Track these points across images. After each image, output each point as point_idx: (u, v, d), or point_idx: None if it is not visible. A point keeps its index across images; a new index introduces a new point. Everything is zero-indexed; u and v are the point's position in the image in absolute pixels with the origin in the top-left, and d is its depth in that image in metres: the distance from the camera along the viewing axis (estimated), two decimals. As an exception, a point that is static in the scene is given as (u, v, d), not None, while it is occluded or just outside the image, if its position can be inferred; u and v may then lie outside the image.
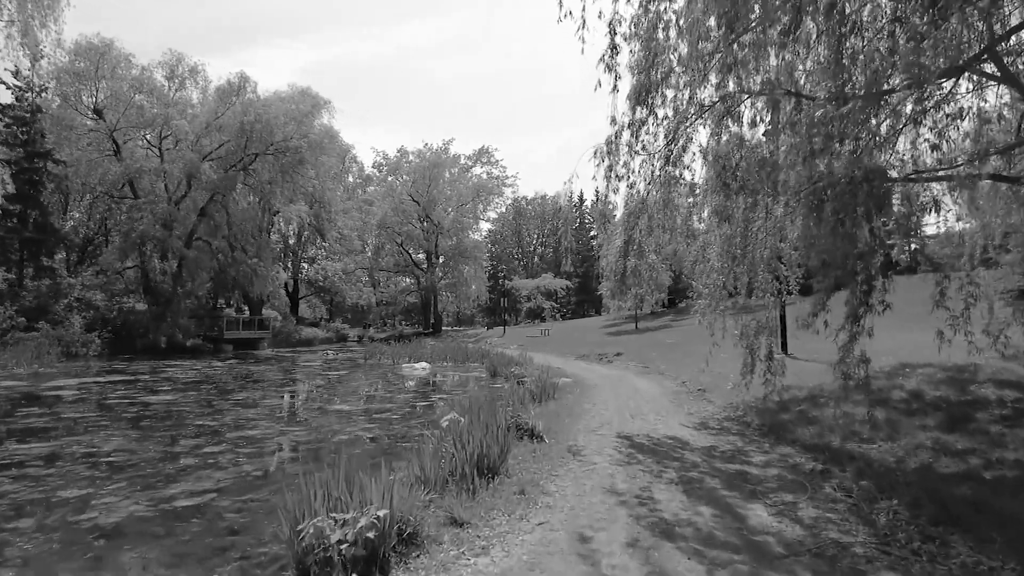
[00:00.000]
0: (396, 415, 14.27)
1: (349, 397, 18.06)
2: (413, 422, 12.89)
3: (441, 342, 47.37)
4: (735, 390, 13.28)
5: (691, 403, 14.38)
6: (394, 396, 17.84)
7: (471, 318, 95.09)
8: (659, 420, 11.96)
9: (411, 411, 14.60)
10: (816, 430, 9.63)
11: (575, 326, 56.99)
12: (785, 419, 10.75)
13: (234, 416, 13.94)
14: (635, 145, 10.84)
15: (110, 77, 42.77)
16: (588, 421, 11.60)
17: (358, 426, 12.69)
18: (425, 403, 16.36)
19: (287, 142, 45.71)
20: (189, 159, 43.33)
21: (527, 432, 9.44)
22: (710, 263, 11.08)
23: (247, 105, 45.28)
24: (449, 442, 7.37)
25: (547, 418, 11.25)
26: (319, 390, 20.13)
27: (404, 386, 20.64)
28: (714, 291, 11.00)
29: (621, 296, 11.36)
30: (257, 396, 17.83)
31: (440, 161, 70.27)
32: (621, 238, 11.21)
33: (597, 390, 16.66)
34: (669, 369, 21.31)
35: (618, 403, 14.20)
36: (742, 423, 11.50)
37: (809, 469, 7.85)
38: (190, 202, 45.44)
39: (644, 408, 13.48)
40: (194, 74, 47.39)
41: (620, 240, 11.18)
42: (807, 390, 12.51)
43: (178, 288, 44.45)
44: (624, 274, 10.90)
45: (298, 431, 12.35)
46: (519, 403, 12.56)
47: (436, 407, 14.46)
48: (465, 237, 69.98)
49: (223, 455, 9.94)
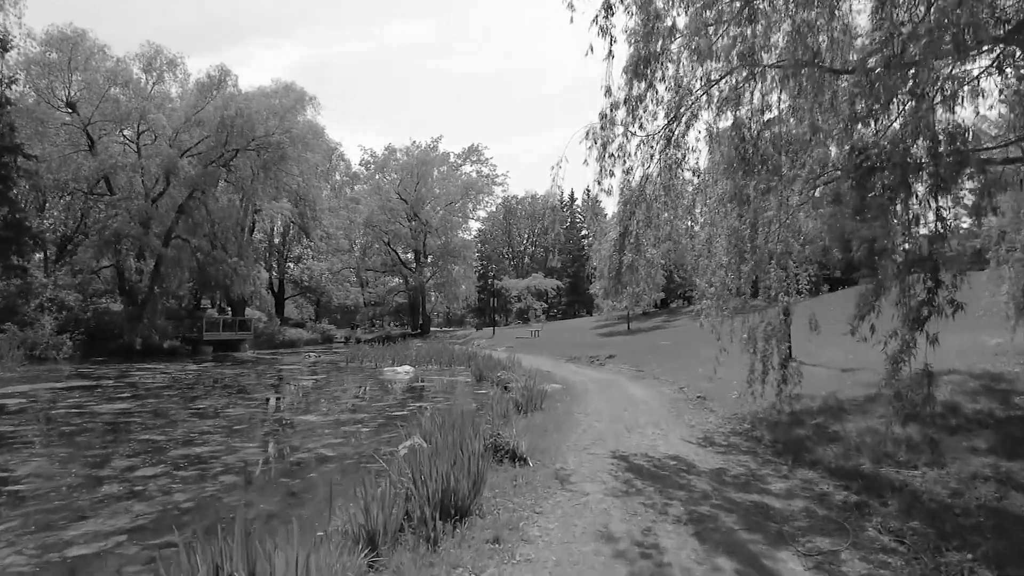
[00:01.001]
0: (368, 427, 12.96)
1: (321, 405, 16.72)
2: (385, 436, 11.57)
3: (428, 344, 46.08)
4: (741, 399, 12.05)
5: (691, 413, 13.13)
6: (370, 404, 16.51)
7: (461, 319, 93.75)
8: (658, 434, 10.69)
9: (385, 423, 13.27)
10: (840, 450, 8.38)
11: (566, 327, 55.81)
12: (801, 435, 9.50)
13: (187, 429, 12.58)
14: (632, 125, 9.57)
15: (84, 69, 41.18)
16: (579, 436, 10.31)
17: (321, 442, 11.35)
18: (403, 412, 15.05)
19: (269, 137, 44.16)
20: (166, 154, 41.75)
21: (508, 453, 8.15)
22: (716, 258, 9.81)
23: (228, 99, 43.78)
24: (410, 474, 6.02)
25: (533, 433, 9.97)
26: (291, 397, 18.77)
27: (382, 392, 19.32)
28: (720, 290, 9.74)
29: (616, 295, 10.06)
30: (221, 404, 16.46)
31: (428, 159, 68.89)
32: (616, 231, 9.93)
33: (589, 398, 15.39)
34: (665, 374, 20.08)
35: (612, 413, 12.94)
36: (751, 438, 10.25)
37: (841, 501, 6.59)
38: (168, 199, 43.79)
39: (641, 419, 12.21)
40: (173, 67, 45.78)
41: (615, 233, 9.90)
42: (820, 400, 11.28)
43: (154, 288, 42.87)
44: (619, 271, 9.60)
45: (253, 448, 11.00)
46: (502, 415, 11.27)
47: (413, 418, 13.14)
48: (454, 236, 68.56)
49: (155, 480, 8.59)
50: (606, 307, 18.42)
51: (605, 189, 9.61)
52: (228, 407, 15.96)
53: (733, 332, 10.33)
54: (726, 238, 9.82)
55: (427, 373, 26.51)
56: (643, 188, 9.82)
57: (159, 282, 43.60)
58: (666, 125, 9.69)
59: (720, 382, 16.51)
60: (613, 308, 44.12)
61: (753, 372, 10.85)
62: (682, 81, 9.15)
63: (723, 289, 9.73)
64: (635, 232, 9.71)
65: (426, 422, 9.30)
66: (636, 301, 11.40)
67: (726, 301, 9.99)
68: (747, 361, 10.68)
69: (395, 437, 10.46)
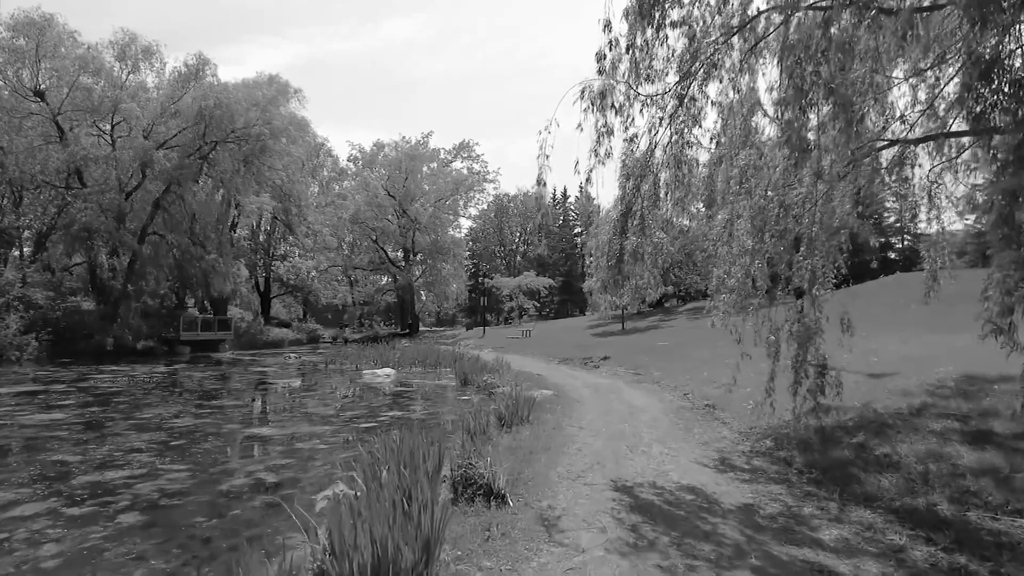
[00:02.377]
0: (326, 443, 11.18)
1: (282, 415, 14.93)
2: (343, 455, 9.80)
3: (415, 344, 44.31)
4: (758, 410, 10.35)
5: (701, 425, 11.40)
6: (339, 415, 14.72)
7: (453, 318, 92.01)
8: (666, 455, 8.95)
9: (346, 442, 11.49)
10: (899, 481, 6.66)
11: (558, 326, 54.10)
12: (842, 458, 7.79)
13: (114, 446, 10.76)
14: (637, 80, 7.85)
15: (52, 56, 39.17)
16: (572, 459, 8.54)
17: (264, 464, 9.56)
18: (371, 423, 13.29)
19: (249, 129, 42.21)
20: (141, 146, 39.72)
21: (483, 489, 6.39)
22: (738, 241, 8.07)
23: (207, 90, 41.85)
24: (328, 542, 4.25)
25: (516, 456, 8.23)
26: (253, 404, 16.97)
27: (357, 398, 17.54)
28: (743, 281, 8.01)
29: (616, 288, 8.28)
30: (171, 413, 14.65)
31: (417, 154, 66.99)
32: (617, 210, 8.17)
33: (583, 406, 13.65)
34: (665, 377, 18.37)
35: (610, 426, 11.20)
36: (778, 460, 8.53)
37: (929, 564, 4.87)
38: (144, 194, 41.87)
39: (644, 433, 10.48)
40: (149, 56, 43.75)
41: (616, 213, 8.14)
42: (854, 412, 9.57)
43: (128, 286, 40.90)
44: (620, 258, 7.84)
45: (179, 470, 9.17)
46: (481, 431, 9.50)
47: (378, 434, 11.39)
48: (443, 233, 66.67)
49: (31, 523, 6.77)
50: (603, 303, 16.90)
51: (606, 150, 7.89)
52: (177, 417, 14.15)
53: (758, 332, 8.62)
54: (749, 219, 8.10)
55: (410, 376, 24.75)
56: (649, 158, 8.09)
57: (134, 280, 41.67)
58: (678, 82, 7.98)
59: (726, 387, 14.83)
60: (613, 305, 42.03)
61: (773, 380, 9.19)
62: (698, 24, 7.43)
63: (746, 280, 8.00)
64: (640, 211, 7.96)
65: (376, 448, 7.48)
66: (639, 296, 9.60)
67: (749, 295, 8.27)
68: (765, 367, 9.01)
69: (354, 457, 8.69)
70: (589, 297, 56.15)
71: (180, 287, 49.00)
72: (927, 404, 9.28)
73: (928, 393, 9.99)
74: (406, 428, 11.22)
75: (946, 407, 8.88)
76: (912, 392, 10.30)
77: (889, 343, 16.76)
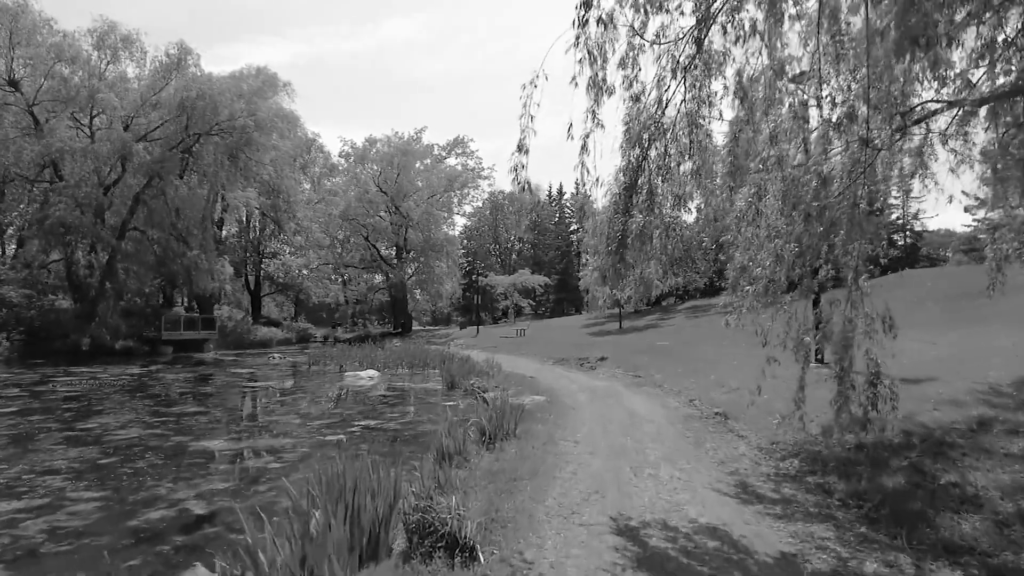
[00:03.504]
0: (279, 462, 9.64)
1: (242, 425, 13.41)
2: (296, 475, 8.27)
3: (406, 344, 42.75)
4: (785, 424, 8.88)
5: (713, 438, 9.89)
6: (304, 424, 13.18)
7: (448, 317, 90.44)
8: (678, 479, 7.45)
9: (308, 453, 9.98)
10: (986, 525, 5.17)
11: (553, 325, 52.69)
12: (898, 488, 6.30)
13: (29, 465, 9.20)
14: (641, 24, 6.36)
15: (27, 44, 37.54)
16: (565, 488, 7.02)
17: (197, 489, 8.00)
18: (341, 434, 11.77)
19: (233, 121, 40.56)
20: (119, 138, 38.02)
21: (445, 540, 4.86)
22: (766, 221, 6.55)
23: (189, 80, 40.19)
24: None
25: (496, 484, 6.72)
26: (216, 410, 15.41)
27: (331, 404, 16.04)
28: (772, 271, 6.50)
29: (617, 280, 6.68)
30: (120, 422, 13.11)
31: (410, 149, 65.22)
32: (619, 183, 6.63)
33: (579, 415, 12.14)
34: (668, 380, 16.84)
35: (610, 440, 9.69)
36: (814, 487, 7.03)
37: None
38: (125, 188, 40.22)
39: (649, 450, 8.97)
40: (128, 45, 42.07)
41: (618, 185, 6.59)
42: (895, 424, 8.09)
43: (106, 283, 39.24)
44: (623, 241, 6.30)
45: (90, 500, 7.59)
46: (456, 452, 7.98)
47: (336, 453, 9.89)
48: (437, 230, 64.94)
49: None
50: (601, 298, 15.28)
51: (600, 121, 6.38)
52: (124, 427, 12.60)
53: (788, 331, 7.11)
54: (780, 195, 6.59)
55: (396, 378, 23.24)
56: (659, 119, 6.57)
57: (113, 277, 40.03)
58: (695, 26, 6.48)
59: (734, 391, 13.33)
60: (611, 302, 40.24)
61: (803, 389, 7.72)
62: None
63: (776, 269, 6.49)
64: (647, 184, 6.44)
65: (312, 483, 5.93)
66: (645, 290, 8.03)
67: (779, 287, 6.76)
68: (784, 372, 7.55)
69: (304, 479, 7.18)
70: (585, 295, 54.69)
71: (167, 285, 47.35)
72: (989, 417, 7.79)
73: (984, 403, 8.52)
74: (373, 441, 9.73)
75: (1016, 421, 7.40)
76: (963, 401, 8.83)
77: (911, 343, 15.27)
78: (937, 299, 24.40)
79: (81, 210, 36.73)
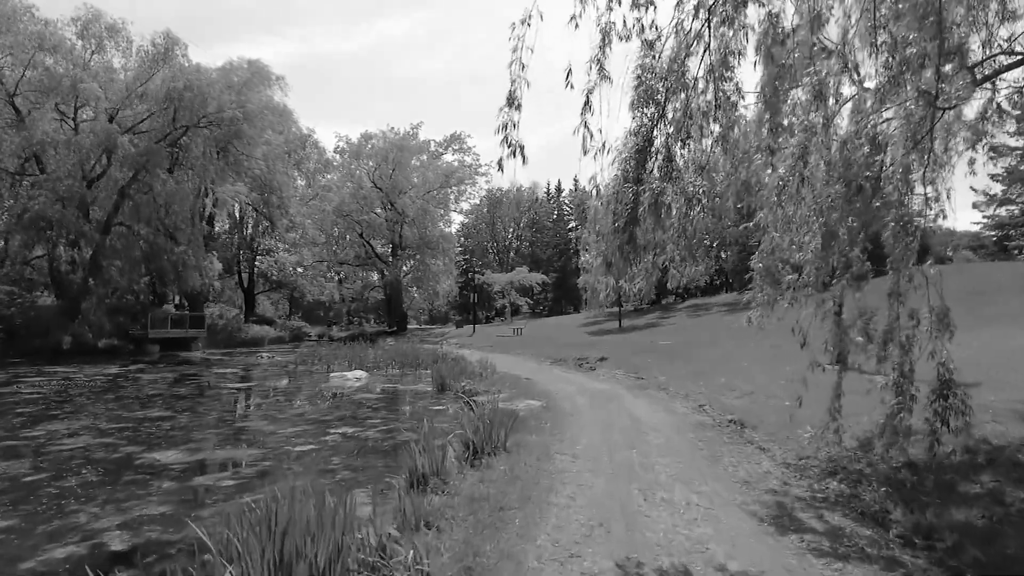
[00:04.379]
0: (234, 479, 8.43)
1: (206, 431, 12.17)
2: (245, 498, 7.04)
3: (399, 343, 41.45)
4: (818, 438, 7.66)
5: (731, 451, 8.67)
6: (275, 432, 11.94)
7: (446, 316, 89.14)
8: (697, 505, 6.22)
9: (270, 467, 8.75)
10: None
11: (552, 324, 51.51)
12: (980, 526, 5.08)
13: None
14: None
15: (7, 31, 36.01)
16: (561, 520, 5.77)
17: (128, 515, 6.76)
18: (311, 444, 10.56)
19: (221, 113, 39.29)
20: (104, 130, 36.72)
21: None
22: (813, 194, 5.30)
23: (177, 71, 38.86)
24: None
25: (478, 517, 5.50)
26: (183, 415, 14.10)
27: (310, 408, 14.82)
28: (821, 256, 5.26)
29: (625, 266, 5.38)
30: (72, 429, 11.89)
31: (405, 145, 63.73)
32: (629, 146, 5.38)
33: (578, 423, 10.91)
34: (673, 382, 15.62)
35: (613, 454, 8.47)
36: (864, 516, 5.83)
37: None
38: (110, 182, 38.87)
39: (659, 467, 7.75)
40: (114, 34, 40.61)
41: (628, 148, 5.34)
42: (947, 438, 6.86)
43: (90, 280, 37.92)
44: (634, 215, 5.03)
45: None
46: (433, 472, 6.75)
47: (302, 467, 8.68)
48: (432, 227, 63.57)
49: None
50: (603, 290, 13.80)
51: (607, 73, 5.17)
52: (73, 435, 11.35)
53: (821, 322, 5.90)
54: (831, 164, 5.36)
55: (385, 379, 22.01)
56: (679, 70, 5.35)
57: (97, 273, 38.66)
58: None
59: (748, 395, 12.12)
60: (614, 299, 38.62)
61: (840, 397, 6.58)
62: None
63: (826, 252, 5.26)
64: (665, 144, 5.20)
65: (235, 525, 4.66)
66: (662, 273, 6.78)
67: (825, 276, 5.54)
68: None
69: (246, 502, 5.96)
70: (584, 293, 53.38)
71: (158, 282, 45.99)
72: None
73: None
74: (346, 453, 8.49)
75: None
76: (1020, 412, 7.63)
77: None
78: (959, 297, 23.19)
79: (63, 204, 35.42)
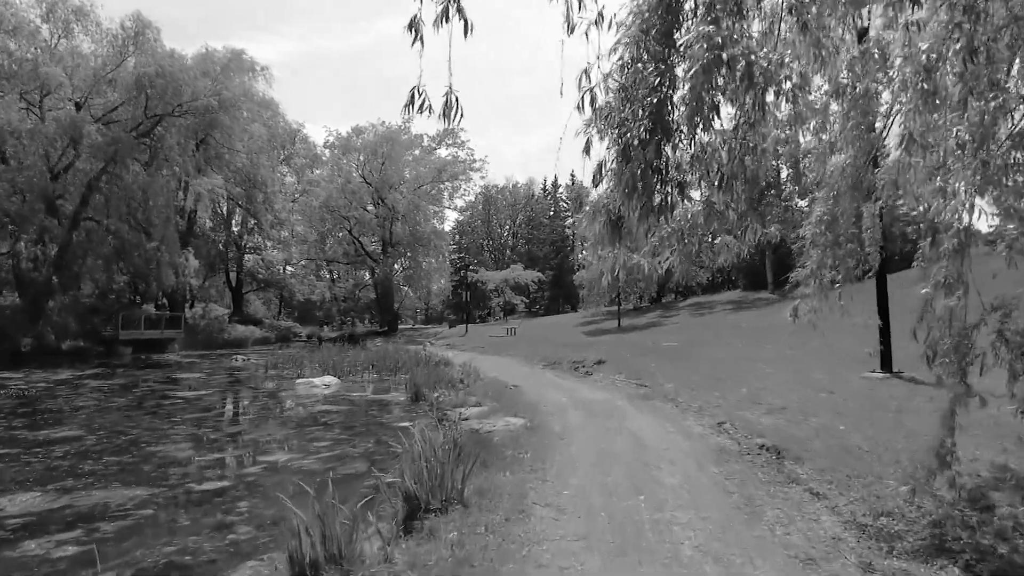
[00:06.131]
0: (70, 553, 6.08)
1: (101, 460, 9.83)
2: (110, 563, 4.74)
3: (387, 344, 39.19)
4: (922, 490, 5.35)
5: (776, 500, 6.31)
6: (188, 461, 9.61)
7: (440, 315, 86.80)
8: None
9: (120, 536, 6.42)
10: None
11: (547, 323, 49.28)
12: None
13: None
14: None
15: (-37, 15, 33.82)
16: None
17: None
18: (222, 482, 8.23)
19: (195, 101, 36.99)
20: (69, 118, 34.44)
21: None
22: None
23: (148, 57, 36.53)
24: None
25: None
26: (89, 437, 11.68)
27: (242, 429, 12.51)
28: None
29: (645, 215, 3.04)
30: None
31: (396, 138, 61.17)
32: (648, 70, 3.03)
33: (568, 450, 8.58)
34: (682, 392, 13.26)
35: (612, 502, 6.15)
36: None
37: None
38: (78, 174, 36.59)
39: (677, 528, 5.43)
40: (81, 17, 38.08)
41: (650, 73, 2.98)
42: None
43: (54, 278, 35.54)
44: (659, 114, 2.76)
45: None
46: (336, 553, 4.42)
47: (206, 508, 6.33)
48: (424, 223, 61.22)
49: None
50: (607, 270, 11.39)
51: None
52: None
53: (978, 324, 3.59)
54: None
55: (357, 385, 19.73)
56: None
57: (63, 271, 36.31)
58: None
59: (785, 415, 9.85)
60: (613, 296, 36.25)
61: (952, 431, 4.30)
62: None
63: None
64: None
65: None
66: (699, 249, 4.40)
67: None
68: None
69: None
70: (581, 290, 51.04)
71: (138, 281, 43.58)
72: None
73: None
74: (265, 494, 6.19)
75: None
76: None
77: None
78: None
79: (23, 196, 33.14)
